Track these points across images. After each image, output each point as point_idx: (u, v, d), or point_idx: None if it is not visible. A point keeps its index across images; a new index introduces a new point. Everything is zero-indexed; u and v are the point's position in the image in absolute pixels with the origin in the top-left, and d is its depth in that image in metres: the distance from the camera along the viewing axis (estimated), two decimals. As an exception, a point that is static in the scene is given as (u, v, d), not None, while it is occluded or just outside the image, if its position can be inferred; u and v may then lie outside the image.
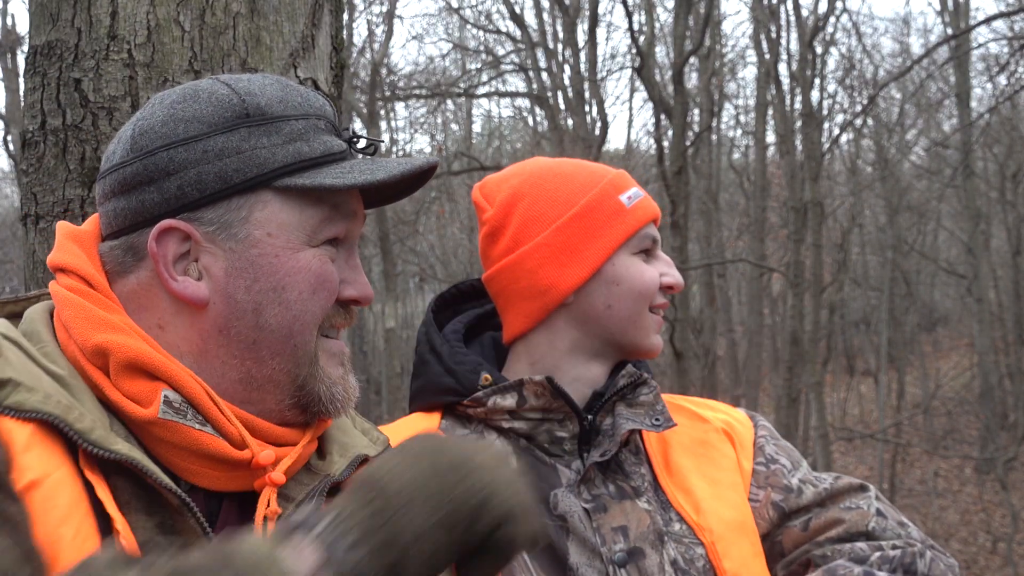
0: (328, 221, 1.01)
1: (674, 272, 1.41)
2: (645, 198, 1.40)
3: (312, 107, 1.03)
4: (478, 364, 1.37)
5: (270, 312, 0.98)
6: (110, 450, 0.87)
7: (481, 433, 1.35)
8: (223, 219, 0.97)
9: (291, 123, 1.00)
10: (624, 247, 1.37)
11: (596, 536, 1.26)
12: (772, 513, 1.37)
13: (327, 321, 1.02)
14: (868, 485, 1.41)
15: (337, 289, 1.02)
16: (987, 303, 16.59)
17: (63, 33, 1.60)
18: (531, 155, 16.17)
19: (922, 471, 17.80)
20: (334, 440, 1.10)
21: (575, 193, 1.37)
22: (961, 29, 13.44)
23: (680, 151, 10.25)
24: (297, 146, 0.99)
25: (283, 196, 0.98)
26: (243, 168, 0.97)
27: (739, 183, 20.18)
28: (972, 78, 16.04)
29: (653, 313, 1.38)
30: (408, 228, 17.00)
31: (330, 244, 1.02)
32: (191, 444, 0.93)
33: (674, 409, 1.44)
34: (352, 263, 1.05)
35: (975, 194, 16.37)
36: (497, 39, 18.89)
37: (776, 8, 14.48)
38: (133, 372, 0.94)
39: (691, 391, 11.39)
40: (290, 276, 0.98)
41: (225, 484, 0.97)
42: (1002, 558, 13.87)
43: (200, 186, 0.96)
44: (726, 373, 19.83)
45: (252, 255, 0.97)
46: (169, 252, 0.97)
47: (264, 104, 0.99)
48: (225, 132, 0.97)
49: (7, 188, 21.42)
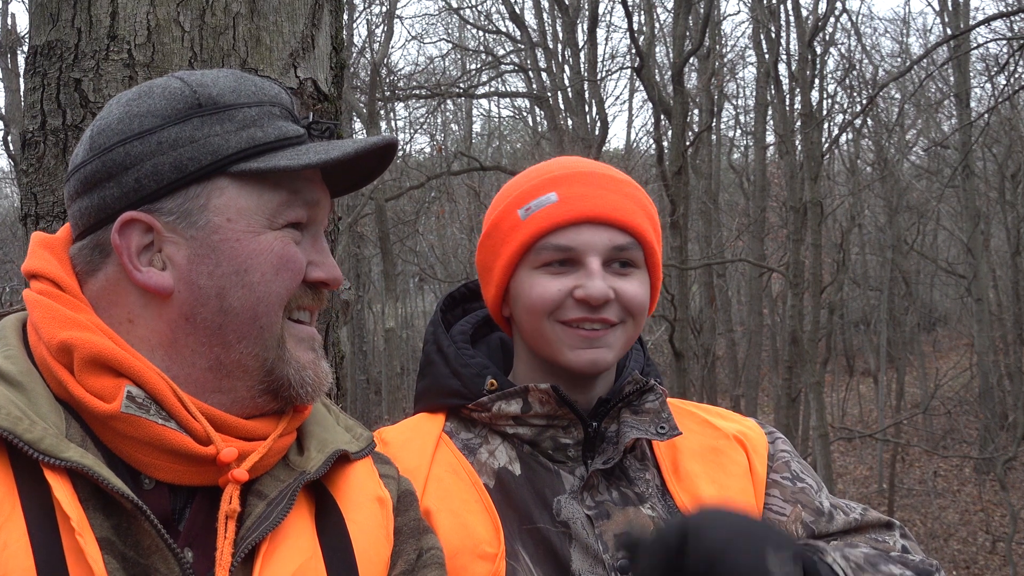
0: (287, 204, 1.02)
1: (590, 283, 1.28)
2: (552, 206, 1.30)
3: (267, 95, 1.04)
4: (484, 367, 1.36)
5: (234, 295, 0.99)
6: (60, 458, 0.88)
7: (485, 437, 1.34)
8: (182, 208, 0.98)
9: (244, 110, 1.01)
10: (522, 263, 1.33)
11: (599, 543, 1.26)
12: (800, 531, 1.35)
13: (294, 303, 1.03)
14: (894, 522, 1.39)
15: (302, 270, 1.03)
16: (986, 303, 16.58)
17: (63, 33, 1.60)
18: (531, 155, 16.05)
19: (921, 471, 17.79)
20: (313, 436, 1.10)
21: (492, 210, 1.39)
22: (961, 29, 13.44)
23: (680, 151, 10.25)
24: (251, 132, 1.00)
25: (240, 181, 1.00)
26: (197, 156, 0.98)
27: (739, 183, 20.19)
28: (972, 78, 16.04)
29: (570, 327, 1.30)
30: (408, 228, 17.00)
31: (293, 228, 1.03)
32: (153, 439, 0.94)
33: (685, 415, 1.43)
34: (319, 246, 1.06)
35: (974, 194, 16.37)
36: (497, 39, 18.92)
37: (776, 8, 14.48)
38: (97, 368, 0.95)
39: (691, 391, 11.40)
40: (252, 258, 0.99)
41: (190, 479, 0.97)
42: (1002, 558, 13.87)
43: (157, 177, 0.98)
44: (726, 373, 19.83)
45: (213, 241, 0.98)
46: (132, 244, 0.99)
47: (216, 94, 1.01)
48: (178, 123, 0.99)
49: (7, 188, 21.41)
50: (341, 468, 1.11)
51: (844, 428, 17.16)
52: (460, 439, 1.35)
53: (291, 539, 1.00)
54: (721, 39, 17.85)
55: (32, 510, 0.88)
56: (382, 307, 16.08)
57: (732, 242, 17.49)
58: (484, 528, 1.24)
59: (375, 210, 13.34)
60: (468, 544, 1.22)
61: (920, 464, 18.17)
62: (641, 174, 17.03)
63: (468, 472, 1.30)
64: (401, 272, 19.60)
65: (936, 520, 15.56)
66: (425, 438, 1.34)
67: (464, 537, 1.22)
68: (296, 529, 1.01)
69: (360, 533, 1.06)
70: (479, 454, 1.32)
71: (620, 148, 22.31)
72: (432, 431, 1.35)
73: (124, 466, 0.94)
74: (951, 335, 26.01)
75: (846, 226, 17.55)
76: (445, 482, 1.28)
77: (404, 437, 1.35)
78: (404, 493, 1.17)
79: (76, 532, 0.86)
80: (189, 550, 0.94)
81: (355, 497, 1.09)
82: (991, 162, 18.41)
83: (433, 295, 18.52)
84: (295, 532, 1.01)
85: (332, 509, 1.06)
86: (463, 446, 1.34)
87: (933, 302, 26.40)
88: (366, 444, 1.16)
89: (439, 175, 13.92)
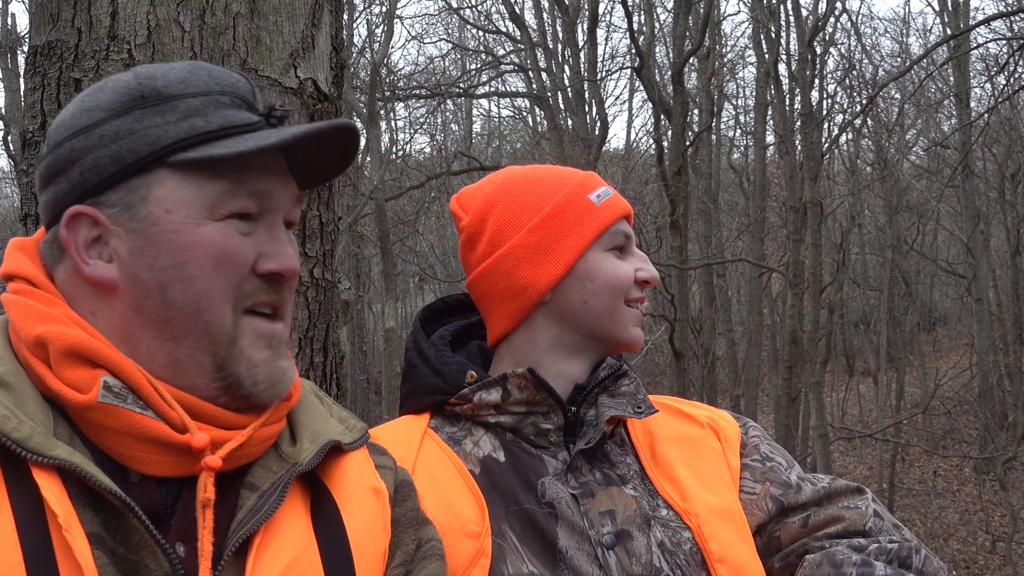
0: (228, 194, 0.99)
1: (649, 267, 1.44)
2: (615, 196, 1.44)
3: (219, 84, 1.02)
4: (464, 364, 1.40)
5: (174, 289, 0.97)
6: (48, 456, 0.88)
7: (469, 429, 1.38)
8: (124, 200, 0.98)
9: (188, 100, 0.99)
10: (596, 244, 1.40)
11: (584, 520, 1.29)
12: (771, 506, 1.40)
13: (248, 298, 1.00)
14: (864, 488, 1.44)
15: (246, 263, 1.00)
16: (986, 303, 16.58)
17: (63, 33, 1.60)
18: (531, 155, 16.09)
19: (921, 471, 17.79)
20: (305, 427, 1.09)
21: (546, 195, 1.42)
22: (960, 29, 13.44)
23: (680, 151, 10.24)
24: (192, 121, 0.98)
25: (180, 172, 0.98)
26: (136, 148, 0.98)
27: (739, 183, 20.19)
28: (972, 78, 16.03)
29: (630, 307, 1.41)
30: (408, 228, 17.00)
31: (240, 219, 1.00)
32: (132, 428, 0.93)
33: (660, 407, 1.47)
34: (274, 236, 1.02)
35: (974, 194, 16.37)
36: (497, 39, 18.92)
37: (776, 8, 14.48)
38: (72, 360, 0.94)
39: (691, 391, 11.39)
40: (190, 251, 0.97)
41: (173, 470, 0.96)
42: (1001, 558, 13.87)
43: (98, 170, 0.98)
44: (726, 373, 19.82)
45: (152, 233, 0.97)
46: (80, 238, 0.99)
47: (161, 85, 1.00)
48: (120, 116, 0.99)
49: (7, 188, 21.43)
50: (335, 459, 1.10)
51: (844, 428, 17.16)
52: (445, 432, 1.38)
53: (285, 531, 0.99)
54: (721, 39, 17.86)
55: (21, 507, 0.88)
56: (382, 307, 16.09)
57: (732, 242, 17.50)
58: (470, 509, 1.28)
59: (375, 210, 13.34)
60: (455, 524, 1.25)
61: (920, 464, 18.17)
62: (641, 174, 17.03)
63: (454, 461, 1.34)
64: (401, 272, 19.60)
65: (936, 520, 15.56)
66: (411, 433, 1.38)
67: (451, 517, 1.26)
68: (290, 522, 1.00)
69: (356, 524, 1.06)
70: (464, 444, 1.36)
71: (620, 148, 22.34)
72: (417, 428, 1.39)
73: (113, 463, 0.94)
74: (951, 335, 26.01)
75: (846, 226, 17.55)
76: (432, 468, 1.32)
77: (390, 433, 1.38)
78: (402, 483, 1.17)
79: (64, 529, 0.86)
80: (181, 545, 0.93)
81: (350, 488, 1.09)
82: (991, 162, 18.41)
83: (433, 295, 18.52)
84: (289, 524, 1.00)
85: (327, 501, 1.06)
86: (448, 438, 1.37)
87: (933, 302, 26.40)
88: (360, 435, 1.15)
89: (439, 175, 13.93)
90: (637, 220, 13.32)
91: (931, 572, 1.33)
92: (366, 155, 13.81)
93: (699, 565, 1.30)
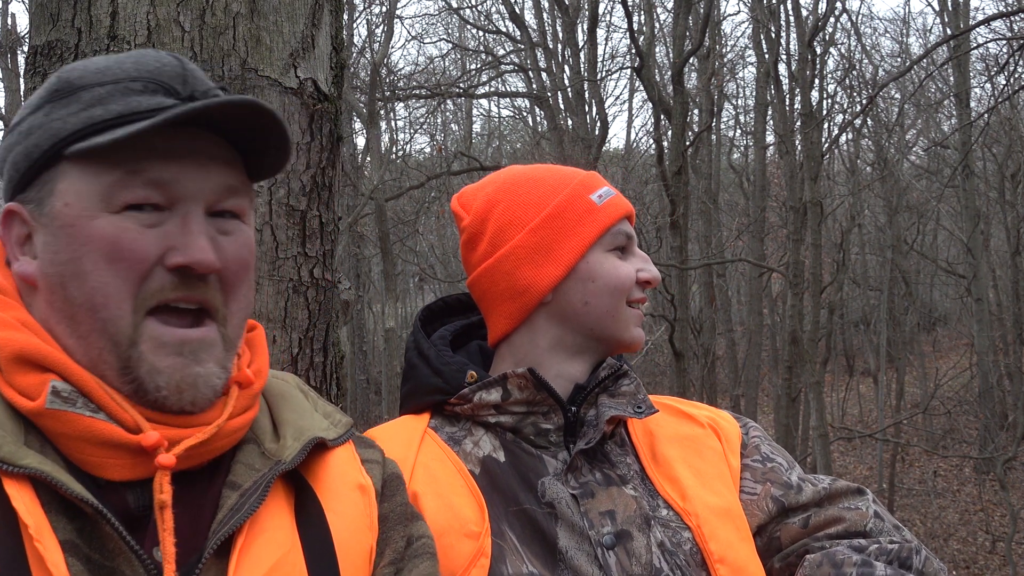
0: (121, 184, 0.93)
1: (650, 267, 1.43)
2: (617, 196, 1.44)
3: (139, 70, 0.98)
4: (464, 364, 1.40)
5: (73, 285, 0.94)
6: (18, 465, 0.87)
7: (469, 430, 1.38)
8: (39, 196, 0.97)
9: (94, 90, 0.96)
10: (597, 244, 1.40)
11: (584, 520, 1.29)
12: (771, 506, 1.40)
13: (153, 296, 0.95)
14: (865, 489, 1.44)
15: (145, 258, 0.94)
16: (986, 303, 16.58)
17: (63, 33, 1.60)
18: (531, 155, 16.09)
19: (921, 471, 17.80)
20: (288, 423, 1.07)
21: (547, 195, 1.42)
22: (960, 29, 13.44)
23: (680, 151, 10.24)
24: (91, 111, 0.95)
25: (79, 164, 0.95)
26: (40, 142, 0.97)
27: (739, 183, 20.19)
28: (972, 78, 16.04)
29: (631, 307, 1.41)
30: (408, 228, 17.00)
31: (138, 210, 0.94)
32: (85, 433, 0.91)
33: (660, 407, 1.47)
34: (187, 228, 0.95)
35: (974, 194, 16.37)
36: (497, 39, 18.93)
37: (776, 8, 14.49)
38: (22, 365, 0.93)
39: (691, 391, 11.39)
40: (85, 245, 0.94)
41: (134, 472, 0.93)
42: (1001, 558, 13.87)
43: (16, 167, 0.99)
44: (726, 373, 19.83)
45: (55, 227, 0.96)
46: (12, 235, 0.99)
47: (75, 77, 0.99)
48: (35, 111, 0.99)
49: (7, 188, 21.42)
50: (320, 456, 1.08)
51: (844, 428, 17.16)
52: (445, 432, 1.38)
53: (269, 532, 0.97)
54: (721, 39, 17.86)
55: None
56: (382, 307, 16.09)
57: (732, 242, 17.50)
58: (470, 509, 1.27)
59: (375, 210, 13.35)
60: (455, 524, 1.25)
61: (920, 464, 18.18)
62: (641, 174, 17.04)
63: (454, 461, 1.33)
64: (401, 272, 19.60)
65: (936, 520, 15.56)
66: (411, 433, 1.37)
67: (451, 518, 1.25)
68: (274, 522, 0.99)
69: (340, 524, 1.04)
70: (464, 444, 1.36)
71: (620, 148, 22.35)
72: (417, 428, 1.38)
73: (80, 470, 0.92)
74: (951, 335, 26.01)
75: (846, 226, 17.54)
76: (432, 468, 1.32)
77: (389, 433, 1.38)
78: (390, 477, 1.14)
79: (35, 539, 0.84)
80: (158, 550, 0.91)
81: (335, 486, 1.07)
82: (991, 162, 18.42)
83: (433, 295, 18.53)
84: (273, 525, 0.98)
85: (311, 500, 1.04)
86: (448, 438, 1.37)
87: (933, 302, 26.40)
88: (345, 430, 1.13)
89: (439, 175, 13.93)
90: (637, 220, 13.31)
91: (931, 573, 1.33)
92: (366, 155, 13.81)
93: (699, 565, 1.30)
